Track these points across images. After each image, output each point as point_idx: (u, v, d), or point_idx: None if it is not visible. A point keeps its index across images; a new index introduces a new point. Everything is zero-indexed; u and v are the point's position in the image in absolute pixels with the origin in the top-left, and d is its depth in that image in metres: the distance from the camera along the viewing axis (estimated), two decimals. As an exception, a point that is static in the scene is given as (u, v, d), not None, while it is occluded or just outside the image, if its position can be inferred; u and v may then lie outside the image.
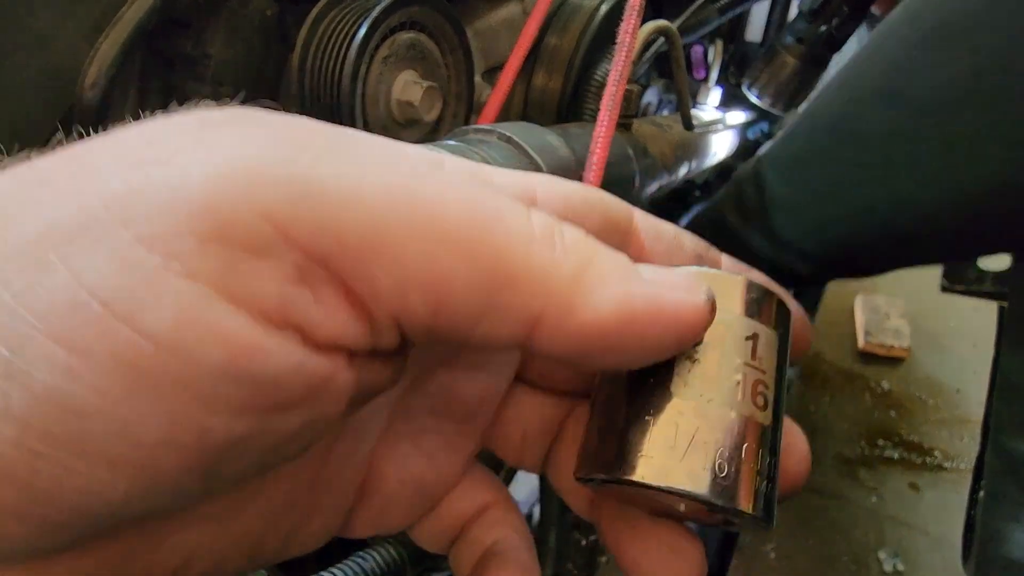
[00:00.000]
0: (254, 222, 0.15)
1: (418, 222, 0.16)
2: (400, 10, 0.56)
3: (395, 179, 0.17)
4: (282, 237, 0.16)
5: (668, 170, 0.71)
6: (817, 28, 0.66)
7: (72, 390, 0.14)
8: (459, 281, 0.17)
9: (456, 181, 0.18)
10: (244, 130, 0.17)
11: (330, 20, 0.56)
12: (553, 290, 0.18)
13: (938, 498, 1.55)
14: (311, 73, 0.56)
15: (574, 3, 0.70)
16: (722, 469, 0.21)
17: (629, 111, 0.60)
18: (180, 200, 0.15)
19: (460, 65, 0.64)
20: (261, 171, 0.16)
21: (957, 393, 1.82)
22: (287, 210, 0.15)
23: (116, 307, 0.14)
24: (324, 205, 0.16)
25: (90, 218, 0.15)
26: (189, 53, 0.58)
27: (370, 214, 0.16)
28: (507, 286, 0.17)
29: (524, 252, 0.18)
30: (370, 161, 0.17)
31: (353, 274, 0.16)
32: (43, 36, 0.48)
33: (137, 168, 0.15)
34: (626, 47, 0.50)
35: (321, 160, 0.16)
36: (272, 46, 0.63)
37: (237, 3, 0.58)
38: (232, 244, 0.15)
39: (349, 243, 0.16)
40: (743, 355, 0.22)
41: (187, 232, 0.15)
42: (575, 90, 0.69)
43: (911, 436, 1.70)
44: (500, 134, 0.46)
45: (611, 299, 0.18)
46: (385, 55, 0.57)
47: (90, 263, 0.14)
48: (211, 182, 0.15)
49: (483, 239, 0.17)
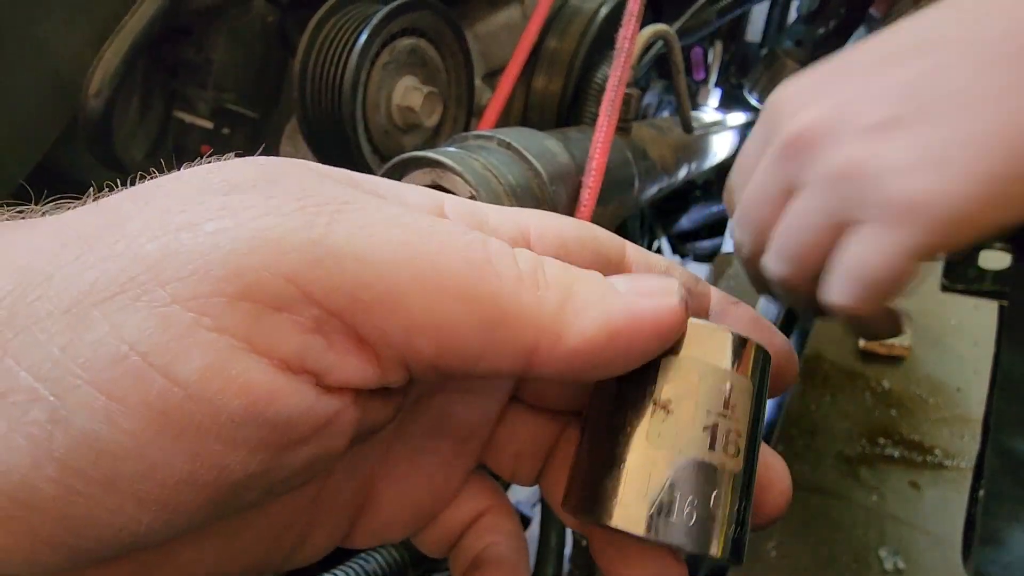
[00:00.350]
0: (277, 283, 0.17)
1: (420, 276, 0.18)
2: (400, 17, 0.57)
3: (399, 237, 0.19)
4: (302, 296, 0.17)
5: (668, 173, 0.71)
6: (816, 31, 0.67)
7: (109, 434, 0.16)
8: (459, 325, 0.19)
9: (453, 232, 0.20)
10: (265, 198, 0.18)
11: (331, 27, 0.57)
12: (542, 324, 0.20)
13: (938, 496, 1.55)
14: (312, 79, 0.57)
15: (574, 6, 0.70)
16: (691, 517, 0.22)
17: (629, 115, 0.61)
18: (211, 264, 0.17)
19: (460, 70, 0.65)
20: (282, 238, 0.17)
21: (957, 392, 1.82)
22: (306, 272, 0.17)
23: (152, 359, 0.16)
24: (338, 266, 0.18)
25: (129, 279, 0.16)
26: (191, 60, 0.58)
27: (377, 272, 0.18)
28: (501, 325, 0.19)
29: (513, 293, 0.20)
30: (378, 220, 0.19)
31: (364, 324, 0.18)
32: (47, 45, 0.48)
33: (171, 233, 0.17)
34: (625, 52, 0.50)
35: (334, 224, 0.18)
36: (273, 52, 0.64)
37: (238, 10, 0.59)
38: (257, 302, 0.17)
39: (360, 298, 0.18)
40: (716, 405, 0.23)
41: (217, 292, 0.17)
42: (575, 93, 0.69)
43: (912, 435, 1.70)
44: (500, 140, 0.46)
45: (594, 321, 0.20)
46: (386, 61, 0.57)
47: (130, 319, 0.16)
48: (238, 248, 0.17)
49: (477, 286, 0.19)
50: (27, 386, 0.16)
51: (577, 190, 0.49)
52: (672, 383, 0.23)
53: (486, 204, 0.25)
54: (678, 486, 0.22)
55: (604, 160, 0.48)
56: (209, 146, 0.61)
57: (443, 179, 0.41)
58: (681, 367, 0.23)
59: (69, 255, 0.17)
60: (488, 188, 0.41)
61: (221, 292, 0.17)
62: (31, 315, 0.16)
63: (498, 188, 0.42)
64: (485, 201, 0.41)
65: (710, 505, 0.22)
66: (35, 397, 0.16)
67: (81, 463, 0.16)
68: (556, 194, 0.46)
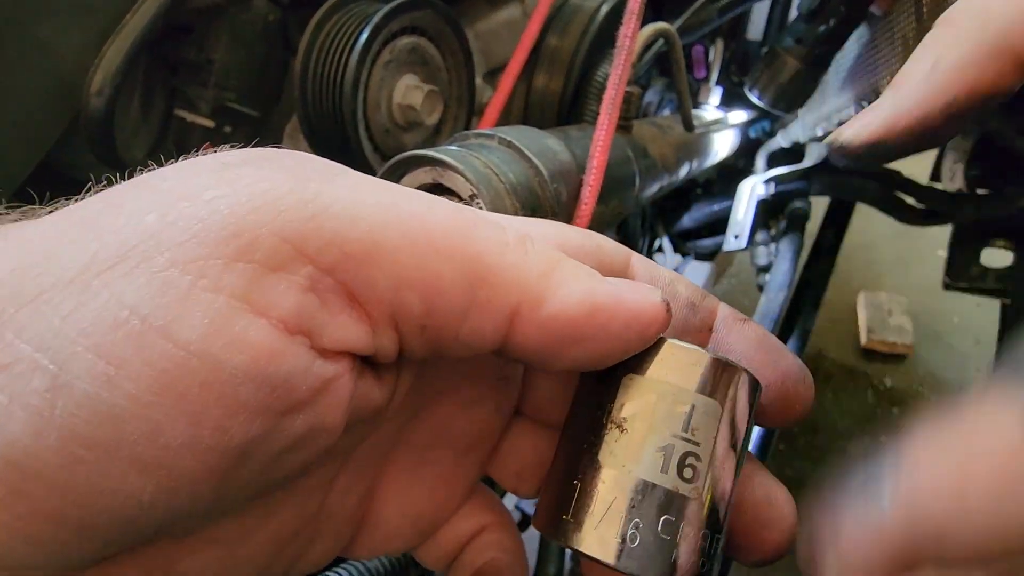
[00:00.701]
0: (272, 242, 0.18)
1: (408, 231, 0.19)
2: (401, 15, 0.57)
3: (388, 198, 0.20)
4: (297, 253, 0.18)
5: (669, 171, 0.71)
6: (816, 29, 0.66)
7: (110, 398, 0.16)
8: (445, 280, 0.20)
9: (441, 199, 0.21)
10: (258, 168, 0.19)
11: (332, 26, 0.57)
12: (525, 285, 0.21)
13: (941, 494, 1.55)
14: (313, 78, 0.57)
15: (574, 4, 0.70)
16: (634, 539, 0.21)
17: (629, 113, 0.61)
18: (208, 229, 0.17)
19: (461, 68, 0.65)
20: (276, 200, 0.18)
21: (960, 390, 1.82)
22: (299, 229, 0.18)
23: (152, 321, 0.16)
24: (330, 223, 0.18)
25: (129, 248, 0.17)
26: (192, 59, 0.58)
27: (368, 227, 0.19)
28: (486, 283, 0.20)
29: (499, 253, 0.20)
30: (366, 184, 0.20)
31: (356, 280, 0.19)
32: (48, 44, 0.48)
33: (168, 204, 0.18)
34: (625, 51, 0.50)
35: (324, 187, 0.19)
36: (274, 51, 0.64)
37: (239, 9, 0.59)
38: (253, 262, 0.17)
39: (352, 253, 0.19)
40: (672, 427, 0.22)
41: (215, 255, 0.17)
42: (576, 91, 0.69)
43: (914, 433, 1.70)
44: (501, 138, 0.46)
45: (577, 291, 0.21)
46: (386, 60, 0.57)
47: (130, 285, 0.17)
48: (234, 212, 0.17)
49: (464, 244, 0.20)
50: (27, 356, 0.16)
51: (578, 188, 0.49)
52: (631, 402, 0.23)
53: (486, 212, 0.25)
54: (628, 509, 0.21)
55: (605, 158, 0.48)
56: (210, 145, 0.61)
57: (444, 177, 0.41)
58: (642, 386, 0.23)
59: (71, 235, 0.18)
60: (489, 186, 0.41)
61: (218, 254, 0.17)
62: (34, 289, 0.16)
63: (499, 186, 0.42)
64: (486, 199, 0.41)
65: (658, 530, 0.21)
66: (35, 367, 0.16)
67: (83, 428, 0.16)
68: (557, 192, 0.46)
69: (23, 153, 0.50)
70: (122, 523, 0.17)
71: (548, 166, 0.46)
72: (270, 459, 0.19)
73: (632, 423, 0.23)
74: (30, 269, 0.17)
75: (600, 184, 0.48)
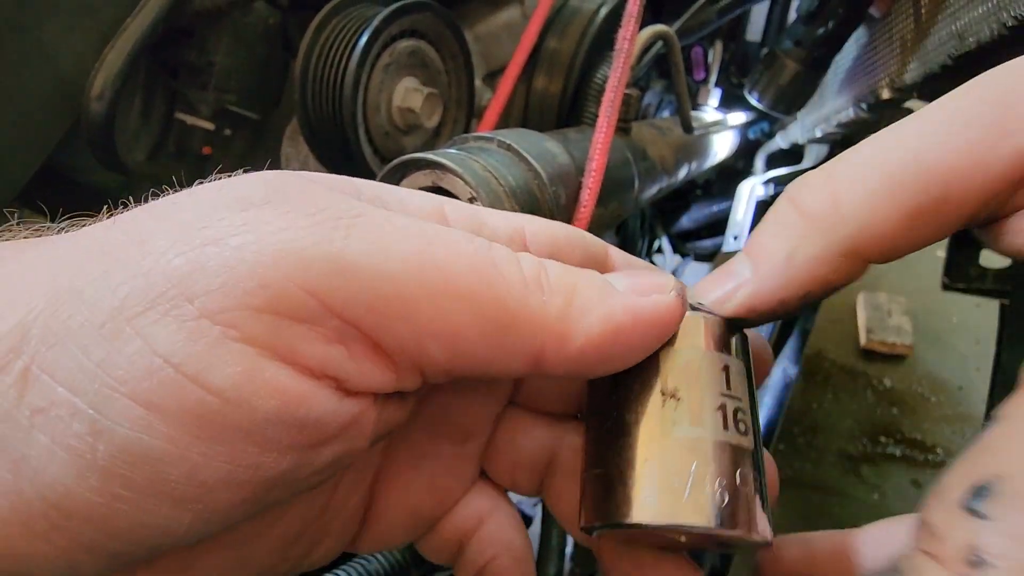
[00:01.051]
0: (299, 296, 0.18)
1: (432, 285, 0.19)
2: (400, 18, 0.57)
3: (410, 248, 0.20)
4: (322, 308, 0.19)
5: (668, 173, 0.71)
6: (815, 31, 0.67)
7: (150, 441, 0.17)
8: (469, 331, 0.20)
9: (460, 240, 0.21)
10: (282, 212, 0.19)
11: (331, 29, 0.57)
12: (548, 327, 0.21)
13: (941, 495, 1.55)
14: (313, 81, 0.57)
15: (574, 6, 0.70)
16: (723, 499, 0.22)
17: (628, 115, 0.61)
18: (237, 279, 0.18)
19: (460, 71, 0.65)
20: (302, 252, 0.18)
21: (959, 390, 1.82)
22: (325, 285, 0.18)
23: (186, 370, 0.17)
24: (356, 280, 0.19)
25: (158, 293, 0.17)
26: (193, 62, 0.59)
27: (392, 284, 0.19)
28: (510, 330, 0.21)
29: (520, 299, 0.21)
30: (389, 233, 0.20)
31: (380, 333, 0.20)
32: (50, 48, 0.49)
33: (195, 248, 0.18)
34: (624, 53, 0.50)
35: (350, 238, 0.19)
36: (275, 54, 0.64)
37: (240, 12, 0.59)
38: (281, 314, 0.18)
39: (377, 308, 0.19)
40: (720, 387, 0.24)
41: (243, 306, 0.18)
42: (575, 93, 0.69)
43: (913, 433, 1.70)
44: (500, 141, 0.46)
45: (597, 322, 0.21)
46: (386, 63, 0.58)
47: (161, 332, 0.17)
48: (263, 262, 0.18)
49: (487, 291, 0.20)
50: (65, 400, 0.17)
51: (577, 191, 0.49)
52: (675, 372, 0.24)
53: (483, 208, 0.26)
54: (704, 471, 0.22)
55: (604, 161, 0.48)
56: (210, 147, 0.62)
57: (443, 180, 0.41)
58: (679, 356, 0.24)
59: (95, 270, 0.18)
60: (488, 189, 0.41)
61: (247, 305, 0.18)
62: (65, 331, 0.17)
63: (498, 189, 0.42)
64: (485, 202, 0.41)
65: (738, 485, 0.22)
66: (75, 410, 0.17)
67: (124, 470, 0.17)
68: (556, 195, 0.46)
69: (24, 156, 0.50)
70: (155, 548, 0.18)
71: (547, 169, 0.46)
72: (298, 482, 0.20)
73: (684, 391, 0.23)
74: (59, 307, 0.17)
75: (599, 186, 0.48)
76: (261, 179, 0.21)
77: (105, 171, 0.57)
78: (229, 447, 0.18)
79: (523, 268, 0.21)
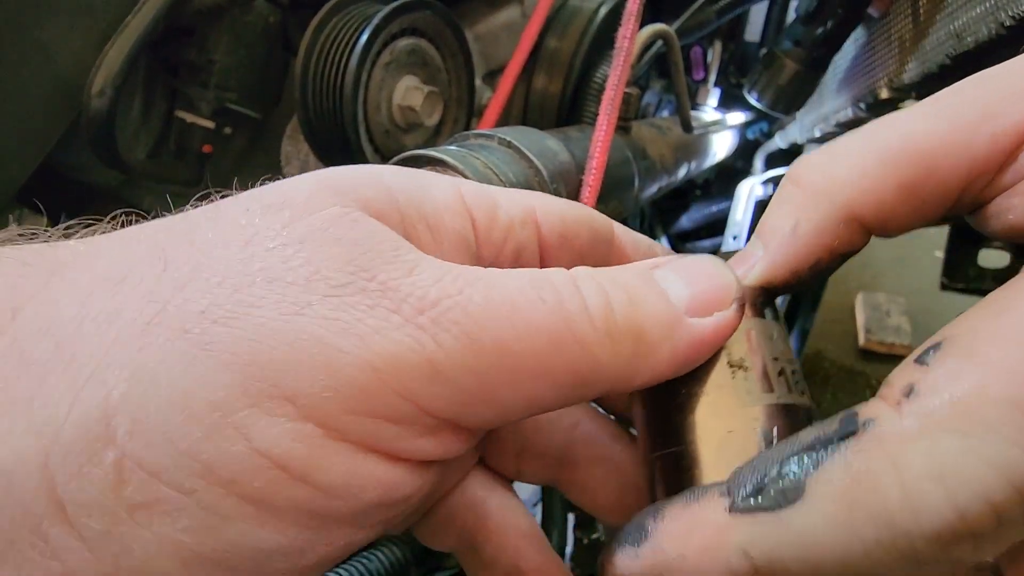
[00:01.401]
0: (396, 401, 0.19)
1: (514, 371, 0.20)
2: (401, 17, 0.57)
3: (493, 337, 0.20)
4: (417, 410, 0.19)
5: (668, 172, 0.72)
6: (814, 31, 0.67)
7: (260, 535, 0.18)
8: (545, 398, 0.21)
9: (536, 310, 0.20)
10: (369, 306, 0.19)
11: (332, 27, 0.57)
12: (618, 375, 0.22)
13: (939, 495, 1.55)
14: (313, 79, 0.57)
15: (574, 5, 0.70)
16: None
17: (628, 114, 0.61)
18: (337, 383, 0.18)
19: (460, 70, 0.65)
20: (398, 360, 0.19)
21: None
22: (421, 392, 0.19)
23: (293, 470, 0.18)
24: (448, 383, 0.19)
25: (257, 392, 0.18)
26: (193, 60, 0.59)
27: (480, 378, 0.20)
28: (582, 388, 0.22)
29: (593, 359, 0.21)
30: (472, 326, 0.20)
31: (466, 418, 0.21)
32: (50, 46, 0.49)
33: (292, 341, 0.18)
34: (624, 52, 0.50)
35: (440, 340, 0.19)
36: (275, 52, 0.64)
37: (240, 10, 0.59)
38: (379, 416, 0.19)
39: (465, 402, 0.20)
40: (775, 352, 0.25)
41: (345, 411, 0.18)
42: (575, 92, 0.69)
43: (912, 433, 1.70)
44: (501, 139, 0.46)
45: (664, 360, 0.22)
46: (386, 61, 0.58)
47: (265, 434, 0.17)
48: (360, 367, 0.18)
49: (563, 367, 0.21)
50: (170, 497, 0.17)
51: (577, 188, 0.49)
52: (736, 344, 0.24)
53: (495, 188, 0.26)
54: (784, 434, 0.23)
55: (604, 159, 0.48)
56: (211, 146, 0.62)
57: (444, 178, 0.42)
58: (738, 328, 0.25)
59: (174, 349, 0.17)
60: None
61: (349, 410, 0.18)
62: (157, 424, 0.17)
63: (499, 186, 0.42)
64: (486, 200, 0.41)
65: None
66: (181, 507, 0.17)
67: (233, 562, 0.18)
68: (557, 192, 0.47)
69: (24, 154, 0.50)
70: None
71: (548, 166, 0.46)
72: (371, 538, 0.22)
73: (748, 361, 0.24)
74: (144, 394, 0.17)
75: (599, 184, 0.48)
76: (328, 235, 0.20)
77: (105, 170, 0.57)
78: (332, 532, 0.19)
79: (592, 317, 0.21)
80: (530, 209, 0.25)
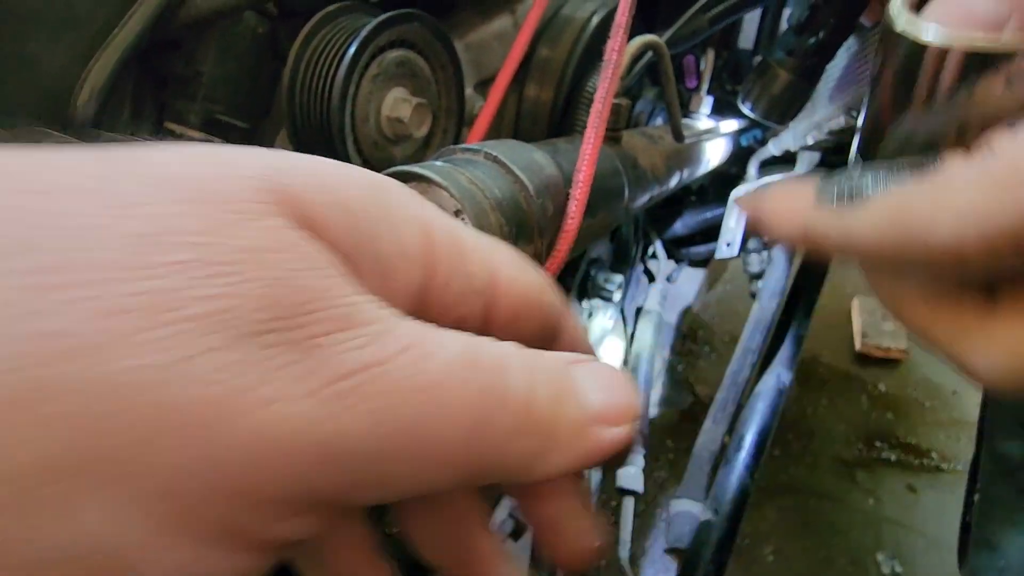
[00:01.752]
0: (265, 483, 0.16)
1: (420, 461, 0.18)
2: (389, 29, 0.57)
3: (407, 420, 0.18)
4: (291, 494, 0.17)
5: (659, 181, 0.71)
6: (806, 41, 0.67)
7: None
8: (442, 486, 0.20)
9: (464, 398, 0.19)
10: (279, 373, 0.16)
11: (320, 39, 0.57)
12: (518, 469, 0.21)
13: (935, 500, 1.55)
14: (301, 91, 0.57)
15: (565, 15, 0.70)
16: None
17: (618, 124, 0.61)
18: (198, 461, 0.15)
19: (450, 81, 0.65)
20: (283, 439, 0.16)
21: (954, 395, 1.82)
22: (303, 473, 0.16)
23: (117, 560, 0.15)
24: (343, 467, 0.17)
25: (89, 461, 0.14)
26: (181, 72, 0.58)
27: (380, 463, 0.18)
28: (482, 477, 0.20)
29: (502, 452, 0.20)
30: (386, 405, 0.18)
31: (352, 503, 0.19)
32: (35, 60, 0.48)
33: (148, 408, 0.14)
34: (612, 65, 0.50)
35: (344, 418, 0.17)
36: (264, 63, 0.64)
37: (228, 22, 0.59)
38: (239, 501, 0.16)
39: (356, 487, 0.18)
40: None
41: (198, 492, 0.15)
42: (567, 102, 0.69)
43: (908, 438, 1.70)
44: (487, 153, 0.46)
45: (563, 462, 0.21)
46: (375, 73, 0.57)
47: (87, 515, 0.14)
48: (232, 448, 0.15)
49: (474, 462, 0.19)
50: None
51: (564, 202, 0.49)
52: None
53: (467, 232, 0.24)
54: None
55: (591, 172, 0.48)
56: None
57: (429, 193, 0.41)
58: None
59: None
60: (474, 202, 0.41)
61: (202, 493, 0.15)
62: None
63: (484, 202, 0.42)
64: (470, 215, 0.41)
65: None
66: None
67: None
68: (543, 207, 0.46)
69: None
70: None
71: (534, 180, 0.46)
72: None
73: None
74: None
75: (587, 197, 0.48)
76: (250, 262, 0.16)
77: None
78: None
79: (514, 410, 0.20)
80: (492, 282, 0.24)
